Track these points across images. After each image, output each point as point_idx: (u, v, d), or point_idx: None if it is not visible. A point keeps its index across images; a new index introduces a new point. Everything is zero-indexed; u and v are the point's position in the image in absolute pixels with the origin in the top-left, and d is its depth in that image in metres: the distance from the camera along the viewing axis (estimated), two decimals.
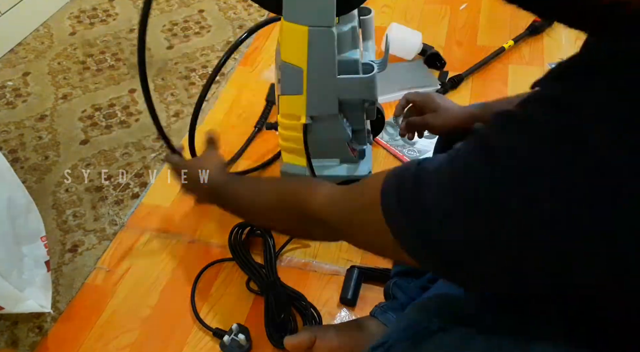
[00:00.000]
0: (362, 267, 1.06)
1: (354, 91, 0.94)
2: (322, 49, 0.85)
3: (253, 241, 1.13)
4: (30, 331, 1.02)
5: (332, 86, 0.90)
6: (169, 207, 1.23)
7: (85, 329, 1.02)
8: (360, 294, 1.05)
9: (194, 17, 1.82)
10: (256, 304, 1.04)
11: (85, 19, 1.83)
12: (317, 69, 0.88)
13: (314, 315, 0.99)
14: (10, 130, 1.44)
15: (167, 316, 1.04)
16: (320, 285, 1.07)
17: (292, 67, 0.88)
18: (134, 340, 1.00)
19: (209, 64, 1.62)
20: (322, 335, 0.90)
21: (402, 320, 0.70)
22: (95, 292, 1.08)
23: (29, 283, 0.97)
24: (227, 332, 0.97)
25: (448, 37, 1.65)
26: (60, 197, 1.26)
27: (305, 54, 0.86)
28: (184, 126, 1.42)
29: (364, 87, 0.93)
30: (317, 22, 0.82)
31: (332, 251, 1.12)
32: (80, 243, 1.17)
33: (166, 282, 1.09)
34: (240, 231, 1.12)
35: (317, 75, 0.89)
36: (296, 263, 1.11)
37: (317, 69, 0.88)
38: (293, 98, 0.92)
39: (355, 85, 0.92)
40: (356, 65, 0.93)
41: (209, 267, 1.10)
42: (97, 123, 1.45)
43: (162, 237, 1.17)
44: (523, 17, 1.71)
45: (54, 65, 1.65)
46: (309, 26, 0.83)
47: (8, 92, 1.56)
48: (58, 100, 1.53)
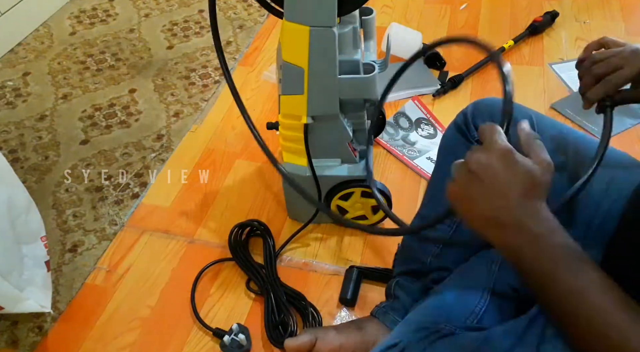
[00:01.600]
0: (361, 267, 1.06)
1: (355, 91, 0.94)
2: (323, 49, 0.85)
3: (253, 241, 1.13)
4: (30, 331, 1.02)
5: (333, 86, 0.91)
6: (169, 207, 1.23)
7: (85, 329, 1.02)
8: (359, 294, 1.05)
9: (194, 17, 1.82)
10: (256, 304, 1.05)
11: (85, 19, 1.83)
12: (318, 69, 0.88)
13: (313, 315, 0.99)
14: (10, 130, 1.44)
15: (167, 316, 1.04)
16: (320, 285, 1.07)
17: (293, 67, 0.88)
18: (134, 340, 1.00)
19: (209, 64, 1.62)
20: (323, 336, 0.90)
21: (411, 322, 0.70)
22: (95, 292, 1.08)
23: (29, 283, 0.97)
24: (227, 332, 0.97)
25: None
26: (60, 197, 1.27)
27: (306, 54, 0.86)
28: (183, 126, 1.42)
29: (364, 87, 0.93)
30: (318, 22, 0.82)
31: (332, 251, 1.12)
32: (80, 243, 1.17)
33: (166, 282, 1.09)
34: (240, 231, 1.12)
35: (318, 75, 0.89)
36: (296, 263, 1.11)
37: (318, 69, 0.88)
38: (294, 98, 0.92)
39: (356, 85, 0.92)
40: (357, 65, 0.93)
41: (209, 267, 1.10)
42: (97, 123, 1.45)
43: (162, 237, 1.17)
44: (523, 17, 1.71)
45: (54, 65, 1.65)
46: (310, 26, 0.83)
47: (8, 92, 1.56)
48: (58, 100, 1.53)
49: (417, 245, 0.92)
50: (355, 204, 1.09)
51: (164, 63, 1.63)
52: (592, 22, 1.68)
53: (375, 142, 1.32)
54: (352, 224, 1.15)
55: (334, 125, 0.97)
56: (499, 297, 0.77)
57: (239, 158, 1.34)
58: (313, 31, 0.83)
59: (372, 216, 1.12)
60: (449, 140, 0.88)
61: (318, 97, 0.92)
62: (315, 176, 1.02)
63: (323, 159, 1.03)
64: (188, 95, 1.52)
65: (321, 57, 0.86)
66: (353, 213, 1.11)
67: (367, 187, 1.04)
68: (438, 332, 0.65)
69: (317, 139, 0.99)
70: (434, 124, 1.39)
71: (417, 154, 1.30)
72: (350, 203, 1.08)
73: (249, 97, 1.51)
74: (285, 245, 1.12)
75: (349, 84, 0.91)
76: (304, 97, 0.91)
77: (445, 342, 0.63)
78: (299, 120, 0.94)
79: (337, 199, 1.08)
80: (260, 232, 1.11)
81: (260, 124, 1.42)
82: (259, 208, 1.22)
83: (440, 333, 0.65)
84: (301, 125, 0.95)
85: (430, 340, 0.63)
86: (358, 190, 1.05)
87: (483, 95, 1.44)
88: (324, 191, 1.06)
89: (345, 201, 1.08)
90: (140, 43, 1.72)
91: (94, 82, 1.58)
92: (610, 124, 0.68)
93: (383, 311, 0.92)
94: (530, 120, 0.77)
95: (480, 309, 0.73)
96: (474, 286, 0.78)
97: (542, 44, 1.61)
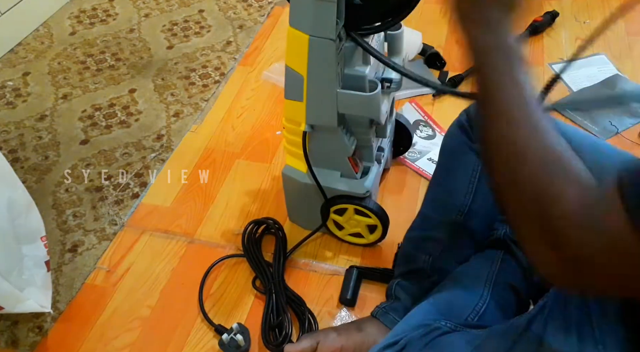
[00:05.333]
0: (361, 268, 1.06)
1: (355, 108, 0.90)
2: (322, 59, 0.83)
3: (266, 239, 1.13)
4: (30, 331, 1.02)
5: (331, 99, 0.88)
6: (169, 207, 1.23)
7: (85, 329, 1.02)
8: (359, 294, 1.05)
9: (194, 17, 1.82)
10: (259, 305, 1.04)
11: (85, 19, 1.83)
12: (317, 79, 0.86)
13: (310, 322, 0.99)
14: (10, 130, 1.44)
15: (167, 316, 1.04)
16: (320, 285, 1.07)
17: (293, 72, 0.87)
18: (134, 340, 1.00)
19: (209, 64, 1.62)
20: (324, 339, 0.90)
21: (412, 320, 0.70)
22: (95, 292, 1.08)
23: (29, 283, 0.97)
24: (227, 331, 0.97)
25: (448, 37, 1.65)
26: (60, 197, 1.26)
27: (305, 62, 0.85)
28: (183, 126, 1.42)
29: (364, 105, 0.89)
30: (317, 33, 0.81)
31: (332, 251, 1.12)
32: (80, 243, 1.17)
33: (166, 282, 1.09)
34: (255, 227, 1.12)
35: (316, 85, 0.87)
36: (296, 263, 1.11)
37: (317, 79, 0.86)
38: (294, 103, 0.91)
39: (355, 101, 0.89)
40: (363, 81, 0.88)
41: (218, 263, 1.10)
42: (97, 123, 1.45)
43: (162, 237, 1.17)
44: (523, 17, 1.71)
45: (54, 65, 1.65)
46: (310, 35, 0.82)
47: (8, 92, 1.56)
48: (58, 100, 1.53)
49: (417, 246, 0.92)
50: (350, 221, 1.06)
51: (164, 63, 1.63)
52: (592, 22, 1.68)
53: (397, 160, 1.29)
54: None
55: (333, 137, 0.95)
56: (499, 295, 0.77)
57: (239, 158, 1.34)
58: (312, 40, 0.82)
59: (368, 235, 1.09)
60: (452, 139, 0.87)
61: (316, 107, 0.90)
62: (319, 183, 0.99)
63: (321, 169, 1.01)
64: (188, 95, 1.52)
65: (320, 67, 0.85)
66: (348, 229, 1.09)
67: (361, 205, 1.01)
68: (439, 330, 0.65)
69: (316, 148, 0.97)
70: (432, 125, 1.39)
71: (417, 156, 1.30)
72: (345, 219, 1.06)
73: (249, 97, 1.51)
74: (297, 247, 1.11)
75: (349, 99, 0.88)
76: (303, 104, 0.90)
77: (446, 339, 0.63)
78: (299, 126, 0.94)
79: (332, 212, 1.05)
80: (275, 231, 1.11)
81: (261, 124, 1.44)
82: (259, 208, 1.22)
83: (441, 330, 0.65)
84: (301, 131, 0.94)
85: (431, 337, 0.63)
86: (351, 207, 1.03)
87: None
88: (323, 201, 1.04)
89: (340, 216, 1.06)
90: (140, 43, 1.71)
91: (94, 82, 1.58)
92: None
93: (384, 312, 0.92)
94: None
95: (481, 306, 0.73)
96: (474, 285, 0.78)
97: (542, 44, 1.61)
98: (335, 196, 1.02)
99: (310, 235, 1.11)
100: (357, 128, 0.98)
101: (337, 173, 1.01)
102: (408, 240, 0.94)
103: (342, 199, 1.02)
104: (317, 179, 0.99)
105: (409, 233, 0.94)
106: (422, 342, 0.63)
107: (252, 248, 1.09)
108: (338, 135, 0.94)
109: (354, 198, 1.01)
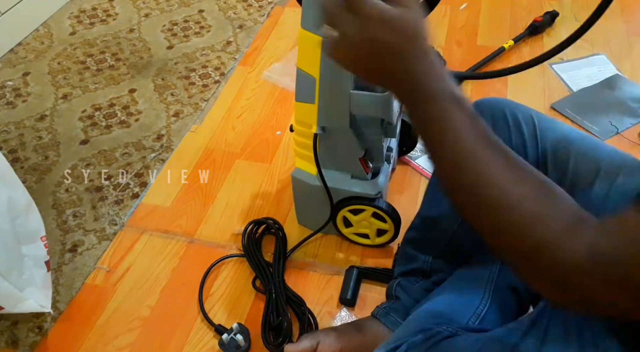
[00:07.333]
0: (361, 268, 1.06)
1: (368, 108, 0.90)
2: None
3: (266, 239, 1.13)
4: (30, 331, 1.02)
5: (344, 100, 0.88)
6: (169, 207, 1.23)
7: (85, 329, 1.02)
8: (359, 294, 1.05)
9: (194, 17, 1.82)
10: (259, 305, 1.04)
11: (85, 19, 1.83)
12: (330, 80, 0.86)
13: (310, 322, 0.99)
14: (10, 130, 1.44)
15: (168, 316, 1.04)
16: (320, 285, 1.07)
17: (305, 75, 0.87)
18: (134, 340, 1.00)
19: (209, 64, 1.62)
20: (324, 340, 0.89)
21: (412, 324, 0.70)
22: (95, 292, 1.08)
23: (29, 283, 0.97)
24: (227, 331, 0.97)
25: (448, 37, 1.65)
26: (60, 197, 1.26)
27: (318, 64, 0.84)
28: (183, 126, 1.42)
29: (377, 106, 0.89)
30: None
31: (332, 251, 1.12)
32: (80, 243, 1.17)
33: (166, 282, 1.09)
34: (255, 227, 1.12)
35: (329, 87, 0.87)
36: (296, 263, 1.11)
37: (330, 80, 0.86)
38: (306, 106, 0.90)
39: (367, 102, 0.88)
40: None
41: (218, 263, 1.10)
42: (97, 123, 1.45)
43: (162, 237, 1.17)
44: (523, 17, 1.71)
45: (54, 65, 1.65)
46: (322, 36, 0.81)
47: (8, 92, 1.56)
48: (58, 100, 1.53)
49: (417, 246, 0.92)
50: (363, 222, 1.06)
51: (164, 63, 1.63)
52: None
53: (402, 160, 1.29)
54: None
55: (345, 139, 0.94)
56: (500, 297, 0.77)
57: (239, 158, 1.34)
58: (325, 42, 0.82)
59: (374, 238, 1.09)
60: None
61: (328, 108, 0.90)
62: (327, 186, 0.99)
63: (332, 171, 1.01)
64: (188, 95, 1.52)
65: (333, 69, 0.84)
66: (357, 229, 1.08)
67: (378, 207, 1.01)
68: (440, 334, 0.65)
69: (327, 150, 0.97)
70: None
71: (418, 154, 1.30)
72: (358, 219, 1.06)
73: (249, 97, 1.51)
74: (296, 247, 1.11)
75: (361, 100, 0.88)
76: (315, 106, 0.90)
77: (448, 343, 0.63)
78: (310, 129, 0.93)
79: (346, 211, 1.05)
80: (275, 231, 1.11)
81: (261, 124, 1.44)
82: (259, 208, 1.22)
83: (442, 335, 0.64)
84: (312, 133, 0.93)
85: (432, 342, 0.63)
86: (370, 209, 1.02)
87: (483, 94, 1.44)
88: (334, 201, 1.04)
89: (354, 215, 1.05)
90: (140, 43, 1.71)
91: (94, 82, 1.58)
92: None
93: (384, 312, 0.92)
94: (531, 120, 0.76)
95: (482, 310, 0.73)
96: (475, 287, 0.78)
97: (542, 44, 1.61)
98: (346, 198, 1.02)
99: (312, 235, 1.11)
100: (368, 129, 0.97)
101: (347, 175, 1.01)
102: (408, 240, 0.94)
103: (354, 201, 1.02)
104: (325, 181, 0.99)
105: (408, 233, 0.94)
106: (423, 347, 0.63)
107: (252, 248, 1.09)
108: (349, 137, 0.94)
109: (364, 199, 1.01)
